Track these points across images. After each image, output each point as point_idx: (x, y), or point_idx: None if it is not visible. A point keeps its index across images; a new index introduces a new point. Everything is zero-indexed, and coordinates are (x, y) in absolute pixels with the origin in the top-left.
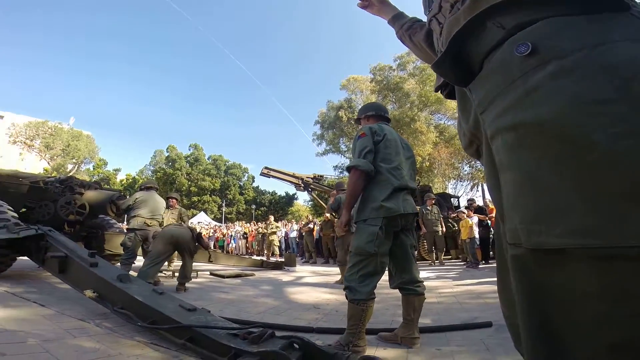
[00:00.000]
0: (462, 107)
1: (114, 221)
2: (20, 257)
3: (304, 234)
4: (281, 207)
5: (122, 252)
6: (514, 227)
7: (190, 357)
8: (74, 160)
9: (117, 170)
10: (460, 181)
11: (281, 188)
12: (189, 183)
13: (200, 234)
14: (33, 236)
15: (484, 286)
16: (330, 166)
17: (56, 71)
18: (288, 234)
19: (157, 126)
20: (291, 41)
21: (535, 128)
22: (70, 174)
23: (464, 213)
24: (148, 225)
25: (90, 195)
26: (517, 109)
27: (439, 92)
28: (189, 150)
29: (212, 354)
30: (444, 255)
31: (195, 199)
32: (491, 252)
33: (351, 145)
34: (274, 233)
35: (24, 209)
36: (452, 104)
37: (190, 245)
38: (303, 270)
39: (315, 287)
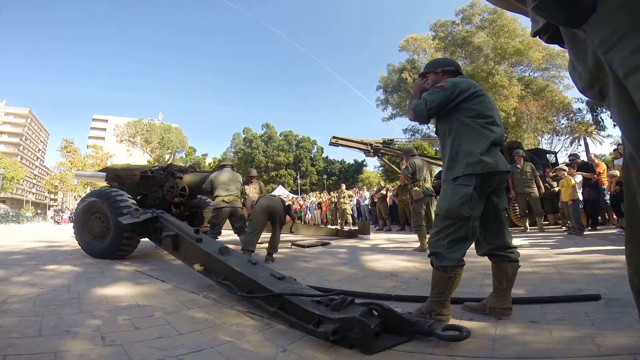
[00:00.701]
0: (576, 48)
1: (209, 200)
2: (142, 239)
3: (376, 201)
4: (351, 174)
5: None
6: None
7: (280, 324)
8: (169, 151)
9: (205, 155)
10: (557, 135)
11: (350, 156)
12: (266, 160)
13: (290, 205)
14: (150, 219)
15: (591, 255)
16: (399, 130)
17: (141, 73)
18: (360, 202)
19: (232, 111)
20: (343, 16)
21: None
22: (169, 162)
23: (564, 171)
24: (226, 202)
25: (188, 178)
26: None
27: (537, 37)
28: (262, 129)
29: (298, 321)
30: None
31: (272, 173)
32: (599, 217)
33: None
34: (347, 202)
35: (139, 197)
36: (536, 54)
37: (281, 216)
38: (378, 238)
39: (391, 255)
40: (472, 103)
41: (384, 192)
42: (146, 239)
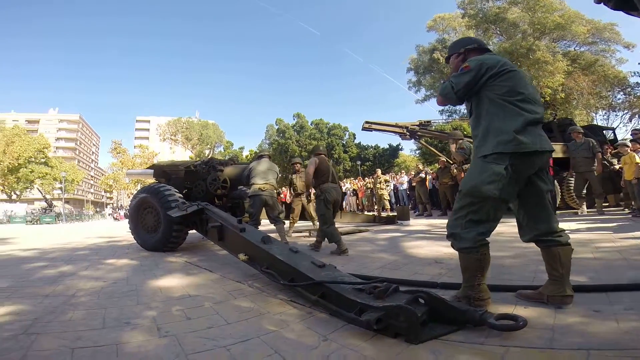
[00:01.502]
0: None
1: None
2: (190, 232)
3: (415, 185)
4: (386, 159)
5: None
6: None
7: (321, 313)
8: (208, 146)
9: (241, 148)
10: (614, 111)
11: (383, 141)
12: (300, 149)
13: (344, 194)
14: (196, 211)
15: None
16: (435, 111)
17: (177, 74)
18: (397, 187)
19: (263, 102)
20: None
21: None
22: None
23: (627, 147)
24: (262, 190)
25: (229, 170)
26: None
27: (601, 3)
28: (294, 119)
29: (339, 309)
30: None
31: (306, 162)
32: None
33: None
34: (383, 187)
35: (185, 190)
36: (580, 28)
37: (338, 205)
38: (418, 224)
39: (434, 241)
40: (501, 80)
41: (423, 175)
42: (193, 231)
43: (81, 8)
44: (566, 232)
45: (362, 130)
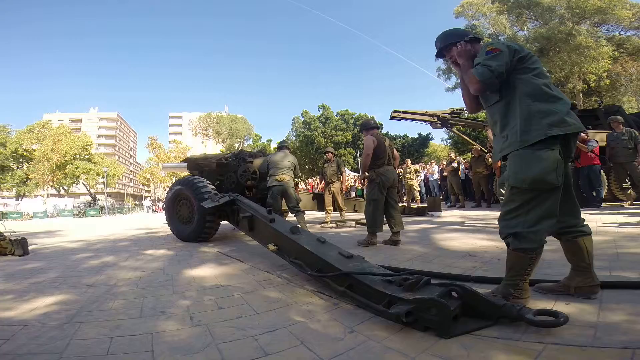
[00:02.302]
0: None
1: None
2: (222, 222)
3: (447, 175)
4: (415, 149)
5: (286, 208)
6: None
7: (348, 304)
8: (237, 140)
9: (269, 141)
10: None
11: (413, 130)
12: (325, 140)
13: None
14: (228, 202)
15: None
16: None
17: (206, 70)
18: (428, 177)
19: (289, 94)
20: None
21: None
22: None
23: None
24: (279, 181)
25: (258, 162)
26: None
27: None
28: (319, 111)
29: (367, 301)
30: None
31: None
32: None
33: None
34: (413, 178)
35: (217, 182)
36: (624, 12)
37: (395, 189)
38: (450, 215)
39: (468, 233)
40: (530, 62)
41: (455, 165)
42: (225, 222)
43: (113, 9)
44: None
45: (390, 119)
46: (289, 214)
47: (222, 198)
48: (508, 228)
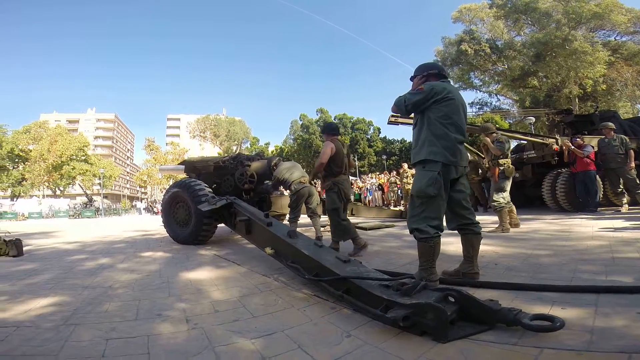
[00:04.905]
0: None
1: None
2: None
3: None
4: None
5: (284, 212)
6: None
7: (345, 308)
8: (235, 142)
9: (267, 144)
10: None
11: (410, 135)
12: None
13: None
14: (225, 205)
15: None
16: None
17: (204, 73)
18: None
19: (287, 98)
20: None
21: None
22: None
23: None
24: (303, 183)
25: (255, 165)
26: None
27: None
28: (317, 115)
29: (365, 305)
30: None
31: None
32: None
33: (475, 80)
34: (410, 182)
35: (214, 185)
36: (620, 17)
37: (348, 200)
38: None
39: None
40: (442, 105)
41: None
42: (222, 225)
43: (112, 11)
44: (480, 224)
45: (387, 124)
46: (286, 218)
47: (219, 201)
48: (412, 224)
